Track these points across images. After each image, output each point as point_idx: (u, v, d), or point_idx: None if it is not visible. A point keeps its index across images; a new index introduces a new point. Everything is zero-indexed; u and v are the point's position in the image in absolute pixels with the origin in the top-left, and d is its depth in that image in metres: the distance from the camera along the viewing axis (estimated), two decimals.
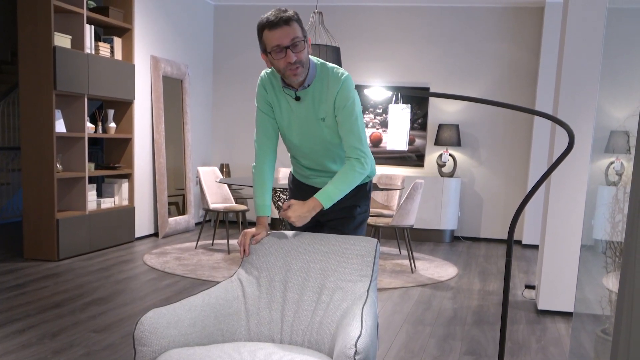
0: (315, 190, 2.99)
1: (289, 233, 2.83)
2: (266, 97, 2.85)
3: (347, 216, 2.99)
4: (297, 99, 2.77)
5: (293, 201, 2.75)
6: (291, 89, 2.76)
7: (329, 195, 2.72)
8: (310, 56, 2.72)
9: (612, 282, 3.53)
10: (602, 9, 4.77)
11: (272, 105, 2.86)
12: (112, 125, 7.06)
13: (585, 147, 4.89)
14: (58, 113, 6.31)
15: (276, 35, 2.58)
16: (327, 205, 2.72)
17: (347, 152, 2.78)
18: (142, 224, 7.87)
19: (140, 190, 7.74)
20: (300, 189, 3.11)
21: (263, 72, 2.88)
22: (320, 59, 2.82)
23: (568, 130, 2.21)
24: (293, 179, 3.19)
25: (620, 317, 1.83)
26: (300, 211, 2.70)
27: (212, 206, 7.00)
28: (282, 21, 2.57)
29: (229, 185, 8.30)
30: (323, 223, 3.06)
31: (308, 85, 2.74)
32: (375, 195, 7.48)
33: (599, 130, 4.74)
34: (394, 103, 2.17)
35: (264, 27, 2.60)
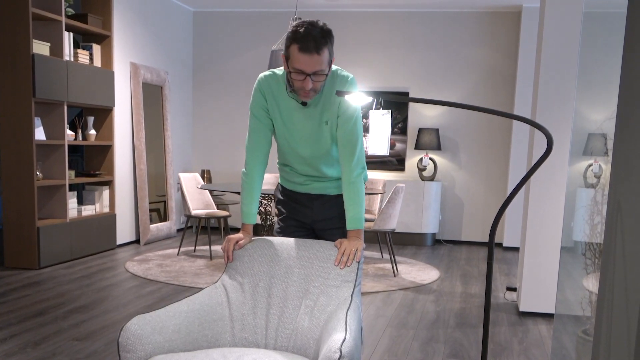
0: (310, 197, 2.97)
1: (273, 239, 2.83)
2: (262, 103, 2.79)
3: (344, 225, 2.96)
4: (304, 103, 2.73)
5: (342, 243, 2.72)
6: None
7: (358, 218, 2.76)
8: None
9: (592, 283, 3.57)
10: (578, 13, 4.84)
11: (270, 110, 2.80)
12: (92, 132, 7.03)
13: (564, 150, 4.95)
14: (37, 120, 6.27)
15: (302, 60, 2.53)
16: (362, 226, 2.77)
17: (342, 158, 2.78)
18: (124, 231, 7.83)
19: (121, 197, 7.70)
20: (293, 200, 3.03)
21: (261, 75, 2.81)
22: None
23: (546, 133, 2.24)
24: (283, 190, 3.08)
25: (601, 318, 1.86)
26: (356, 245, 2.71)
27: (193, 212, 6.99)
28: (314, 48, 2.51)
29: (211, 191, 8.29)
30: (318, 233, 3.04)
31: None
32: None
33: (577, 133, 4.80)
34: (375, 108, 2.18)
35: (294, 41, 2.53)
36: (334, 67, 2.76)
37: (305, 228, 3.05)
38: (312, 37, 2.51)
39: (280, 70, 2.79)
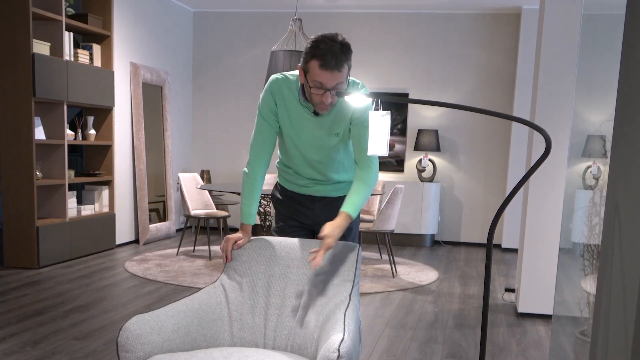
0: (312, 199, 2.97)
1: (272, 239, 2.84)
2: (272, 105, 2.78)
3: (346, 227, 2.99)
4: (316, 113, 2.73)
5: (326, 228, 2.60)
6: (310, 104, 2.71)
7: (356, 205, 2.69)
8: None
9: (590, 285, 3.58)
10: (578, 15, 4.85)
11: (279, 114, 2.79)
12: (92, 132, 7.04)
13: (563, 152, 4.96)
14: (37, 120, 6.28)
15: (323, 76, 2.53)
16: (355, 215, 2.69)
17: (359, 161, 2.77)
18: (123, 231, 7.83)
19: (120, 197, 7.71)
20: (293, 200, 3.02)
21: (273, 77, 2.79)
22: None
23: (545, 135, 2.25)
24: (282, 190, 3.07)
25: (598, 319, 1.87)
26: (338, 232, 2.60)
27: (193, 212, 6.99)
28: (335, 65, 2.51)
29: (210, 192, 8.30)
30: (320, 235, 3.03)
31: None
32: None
33: (575, 134, 4.80)
34: (374, 109, 2.17)
35: (315, 57, 2.53)
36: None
37: (306, 229, 3.05)
38: (333, 54, 2.51)
39: (292, 76, 2.78)
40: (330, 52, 2.51)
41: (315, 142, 2.80)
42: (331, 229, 2.60)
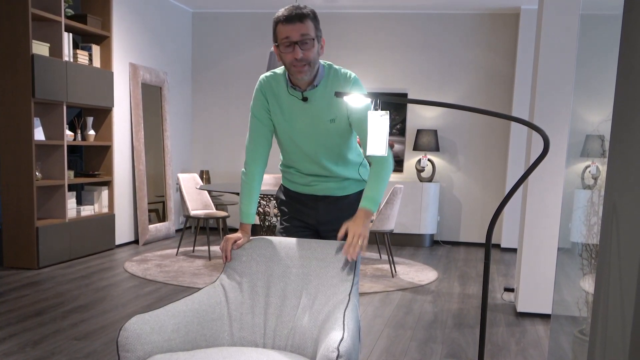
0: (315, 198, 2.96)
1: (271, 238, 2.85)
2: (264, 103, 2.81)
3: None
4: (305, 99, 2.74)
5: (348, 227, 2.65)
6: (298, 91, 2.73)
7: (374, 199, 2.69)
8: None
9: (588, 284, 3.58)
10: (576, 16, 4.86)
11: (271, 111, 2.81)
12: (92, 132, 7.04)
13: (561, 151, 4.97)
14: (37, 121, 6.28)
15: (287, 29, 2.59)
16: (375, 210, 2.70)
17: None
18: (122, 231, 7.84)
19: (120, 198, 7.71)
20: (296, 200, 3.02)
21: (262, 76, 2.83)
22: (327, 61, 2.80)
23: (543, 135, 2.26)
24: (286, 191, 3.07)
25: (597, 318, 1.88)
26: (365, 230, 2.63)
27: (192, 213, 7.00)
28: (296, 17, 2.59)
29: (209, 192, 8.30)
30: (323, 235, 3.02)
31: (316, 85, 2.72)
32: None
33: (574, 134, 4.80)
34: (373, 109, 2.18)
35: (278, 21, 2.62)
36: (335, 66, 2.79)
37: (310, 229, 3.05)
38: (293, 11, 2.61)
39: (280, 70, 2.81)
40: (291, 11, 2.61)
41: (309, 131, 2.80)
42: (354, 225, 2.64)
